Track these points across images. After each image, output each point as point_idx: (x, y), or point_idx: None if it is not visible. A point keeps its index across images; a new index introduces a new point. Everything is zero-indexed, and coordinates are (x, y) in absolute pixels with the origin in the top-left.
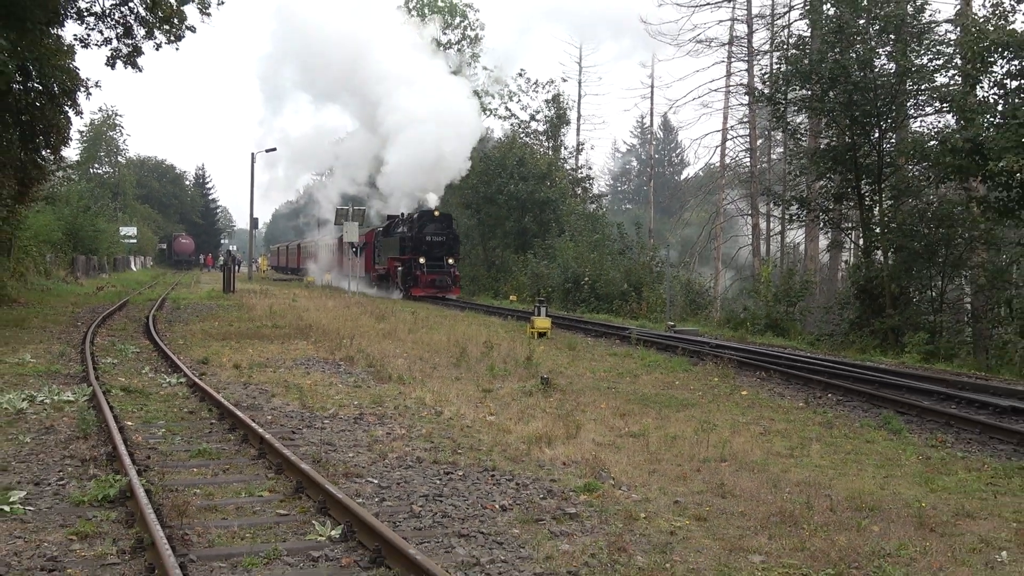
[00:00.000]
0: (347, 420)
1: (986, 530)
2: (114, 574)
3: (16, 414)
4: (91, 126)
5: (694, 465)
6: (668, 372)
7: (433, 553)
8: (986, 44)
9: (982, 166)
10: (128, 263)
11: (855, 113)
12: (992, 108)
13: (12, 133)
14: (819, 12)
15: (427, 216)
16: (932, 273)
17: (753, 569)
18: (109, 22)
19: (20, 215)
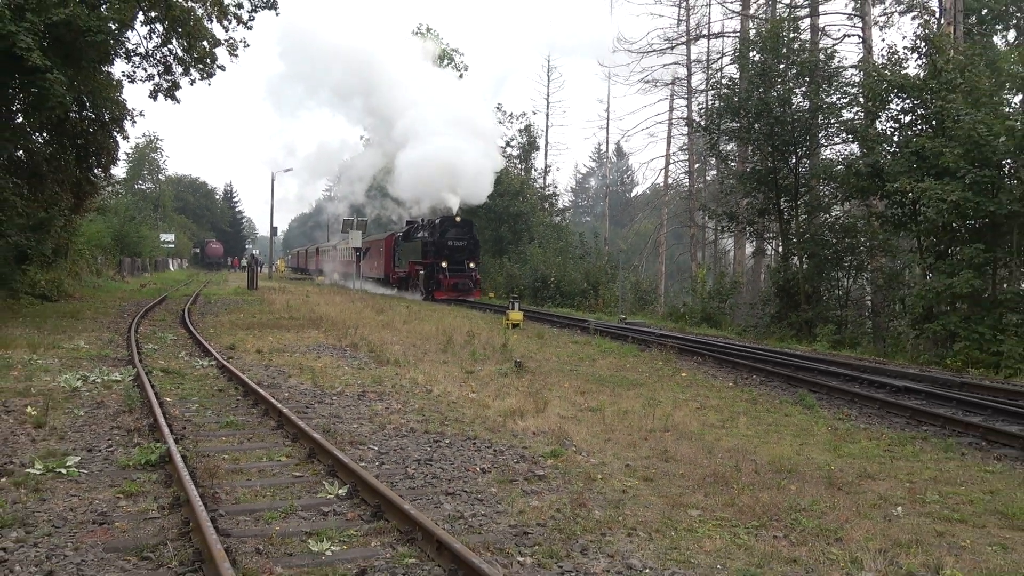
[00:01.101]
0: (352, 397)
1: (884, 489)
2: (155, 527)
3: (72, 391)
4: (136, 149)
5: (642, 435)
6: (620, 357)
7: (424, 508)
8: (884, 86)
9: (880, 187)
10: (167, 264)
11: (776, 142)
12: (889, 139)
13: (69, 154)
14: (746, 58)
15: (448, 221)
16: (839, 275)
17: (691, 522)
18: (152, 61)
19: (75, 224)
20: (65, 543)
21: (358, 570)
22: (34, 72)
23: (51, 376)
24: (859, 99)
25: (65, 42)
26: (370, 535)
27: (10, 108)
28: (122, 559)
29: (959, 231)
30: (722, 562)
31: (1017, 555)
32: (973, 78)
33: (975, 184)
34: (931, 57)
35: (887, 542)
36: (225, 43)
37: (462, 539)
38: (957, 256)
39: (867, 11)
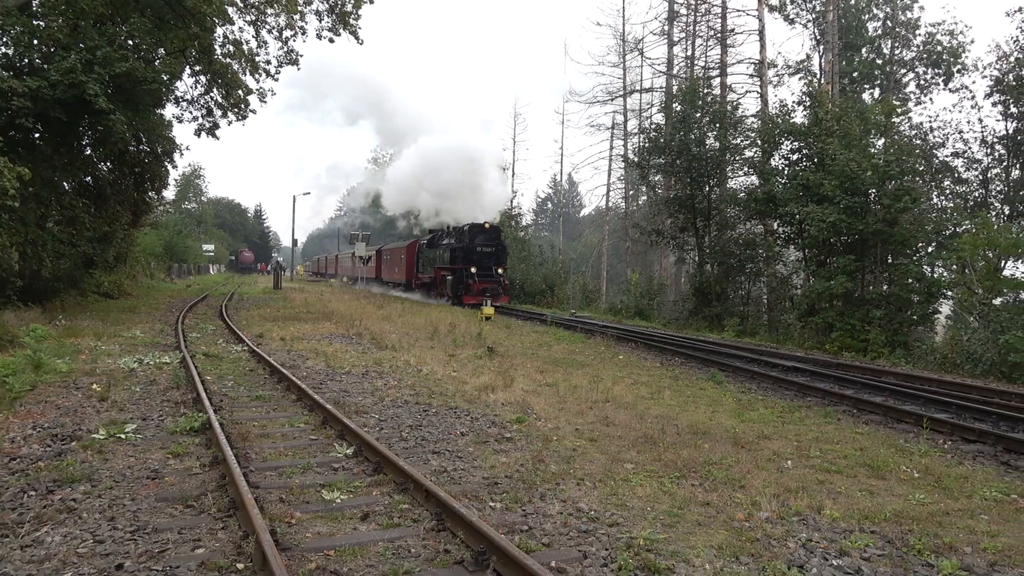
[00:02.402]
0: (357, 375)
1: (777, 447)
2: (197, 481)
3: (130, 372)
4: (183, 176)
5: (588, 404)
6: (571, 343)
7: (415, 464)
8: (777, 131)
9: (774, 210)
10: (208, 269)
11: (693, 174)
12: (781, 172)
13: (128, 180)
14: (670, 108)
15: (477, 228)
16: (742, 279)
17: (627, 473)
18: (196, 106)
19: (133, 236)
20: (124, 495)
21: (362, 514)
22: (100, 114)
23: (112, 359)
24: (757, 141)
25: (125, 89)
26: (372, 486)
27: (80, 143)
28: (171, 507)
29: (835, 245)
30: (651, 505)
31: (880, 498)
32: (846, 126)
33: (848, 208)
34: (813, 109)
35: (780, 489)
36: (256, 92)
37: (445, 489)
38: (834, 265)
39: (764, 72)
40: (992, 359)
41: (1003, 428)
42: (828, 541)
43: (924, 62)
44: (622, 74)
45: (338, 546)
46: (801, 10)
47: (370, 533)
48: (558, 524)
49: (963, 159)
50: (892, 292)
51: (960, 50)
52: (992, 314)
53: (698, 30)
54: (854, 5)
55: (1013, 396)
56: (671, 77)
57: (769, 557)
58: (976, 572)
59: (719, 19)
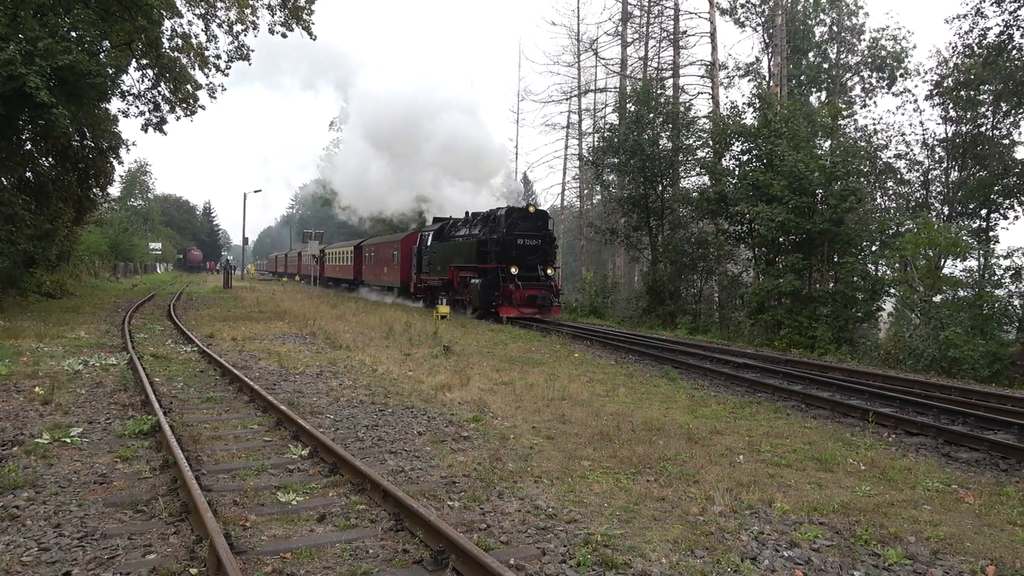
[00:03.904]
0: (311, 376)
1: (729, 442)
2: (147, 485)
3: (74, 374)
4: (129, 172)
5: (545, 403)
6: (527, 342)
7: (372, 464)
8: (728, 132)
9: (725, 209)
10: (155, 268)
11: (646, 174)
12: (731, 173)
13: (71, 176)
14: (624, 108)
15: (518, 213)
16: (694, 277)
17: (584, 470)
18: (143, 100)
19: (76, 234)
20: (70, 500)
21: (319, 516)
22: (42, 107)
23: (56, 361)
24: (709, 142)
25: (68, 82)
26: (328, 487)
27: (20, 137)
28: (120, 512)
29: (784, 244)
30: (608, 501)
31: (829, 491)
32: (794, 127)
33: (796, 208)
34: (763, 111)
35: (732, 483)
36: (206, 87)
37: (403, 488)
38: (782, 263)
39: (715, 74)
40: (933, 355)
41: (944, 421)
42: (779, 533)
43: (868, 66)
44: (577, 74)
45: (295, 548)
46: (751, 14)
47: (327, 534)
48: (516, 522)
49: (905, 161)
50: (838, 290)
51: (903, 55)
52: (932, 311)
53: (651, 31)
54: (801, 10)
55: (953, 390)
56: (625, 77)
57: (723, 550)
58: (920, 561)
59: (672, 21)
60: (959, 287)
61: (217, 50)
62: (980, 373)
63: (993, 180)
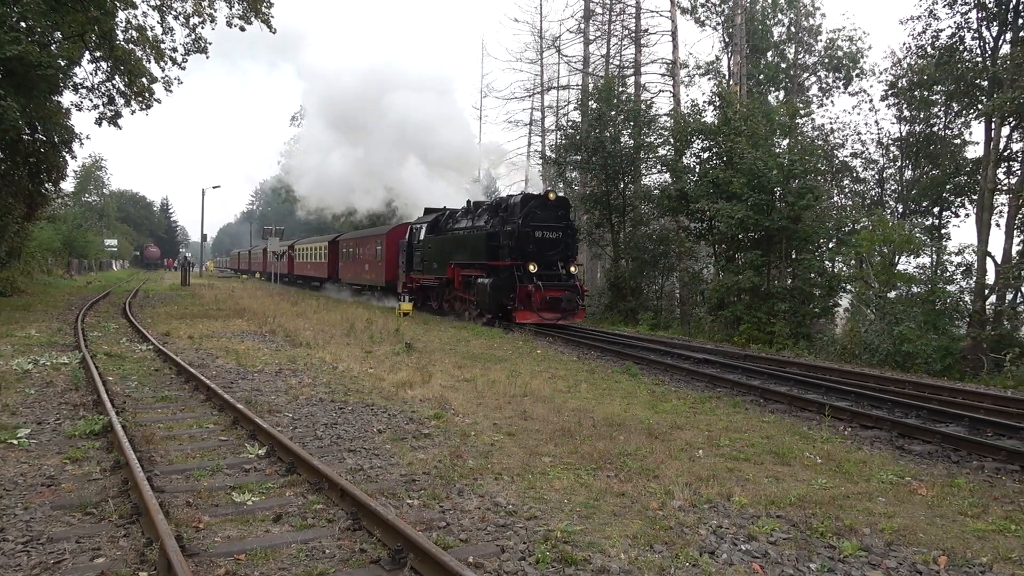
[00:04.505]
0: (270, 374)
1: (689, 437)
2: (97, 487)
3: (24, 373)
4: (83, 168)
5: (506, 399)
6: (489, 339)
7: (330, 463)
8: (688, 130)
9: (686, 207)
10: (111, 265)
11: (608, 172)
12: (692, 170)
13: (22, 171)
14: (586, 106)
15: (536, 201)
16: (656, 274)
17: (544, 466)
18: (97, 93)
19: (28, 230)
20: (15, 504)
21: (275, 516)
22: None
23: (4, 360)
24: (670, 139)
25: (18, 74)
26: (285, 487)
27: None
28: (68, 515)
29: (743, 241)
30: (568, 497)
31: (786, 484)
32: (753, 126)
33: (755, 205)
34: (723, 109)
35: (692, 477)
36: (161, 80)
37: (361, 487)
38: (741, 260)
39: (676, 73)
40: (887, 349)
41: (898, 414)
42: (737, 527)
43: (825, 66)
44: (539, 71)
45: (249, 549)
46: (711, 13)
47: (283, 535)
48: (476, 519)
49: (861, 159)
50: (796, 286)
51: (858, 56)
52: (887, 307)
53: (613, 29)
54: (760, 10)
55: (906, 384)
56: (587, 75)
57: (682, 544)
58: (874, 552)
59: (633, 19)
60: (913, 283)
61: (173, 43)
62: (933, 367)
63: (945, 179)
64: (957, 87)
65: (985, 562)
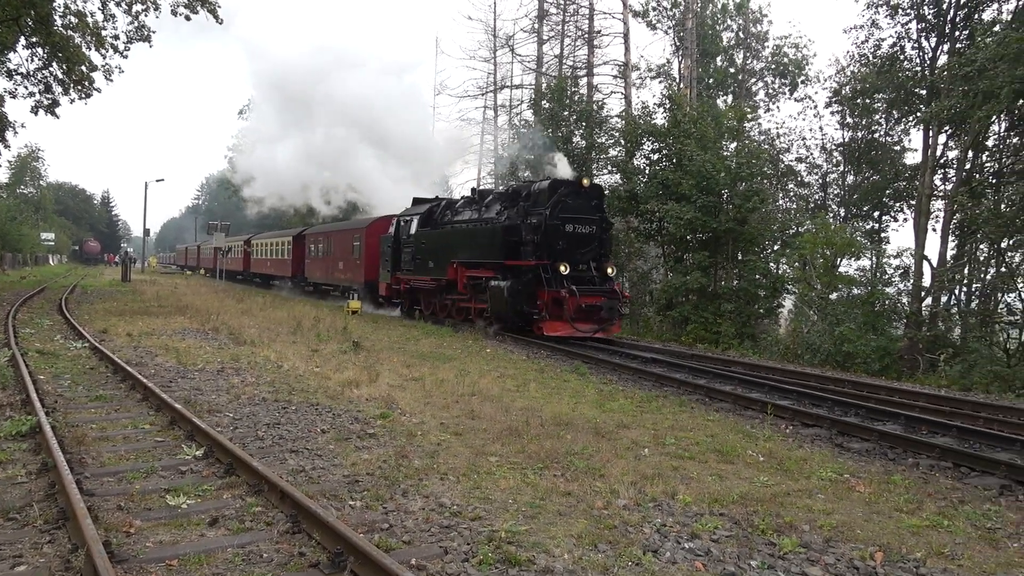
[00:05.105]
0: (212, 372)
1: (635, 436)
2: (22, 491)
3: None
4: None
5: (454, 398)
6: (439, 338)
7: (271, 465)
8: (639, 132)
9: (636, 207)
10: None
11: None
12: (642, 171)
13: None
14: (539, 105)
15: (567, 188)
16: None
17: (491, 466)
18: (33, 80)
19: None
20: None
21: (211, 519)
22: None
23: None
24: (621, 141)
25: None
26: (223, 489)
27: None
28: None
29: (691, 242)
30: (514, 497)
31: (729, 482)
32: (702, 128)
33: (703, 207)
34: (673, 112)
35: (637, 476)
36: (102, 68)
37: (302, 489)
38: (689, 261)
39: (628, 75)
40: (828, 349)
41: (837, 413)
42: (681, 525)
43: (772, 72)
44: (493, 69)
45: (182, 555)
46: (663, 17)
47: (219, 539)
48: (420, 520)
49: (805, 164)
50: (741, 287)
51: (804, 63)
52: (829, 308)
53: (567, 30)
54: (710, 15)
55: (846, 383)
56: (540, 75)
57: (626, 543)
58: (813, 548)
59: (587, 20)
60: (853, 285)
61: (115, 30)
62: (871, 367)
63: (885, 184)
64: (897, 95)
65: (919, 557)
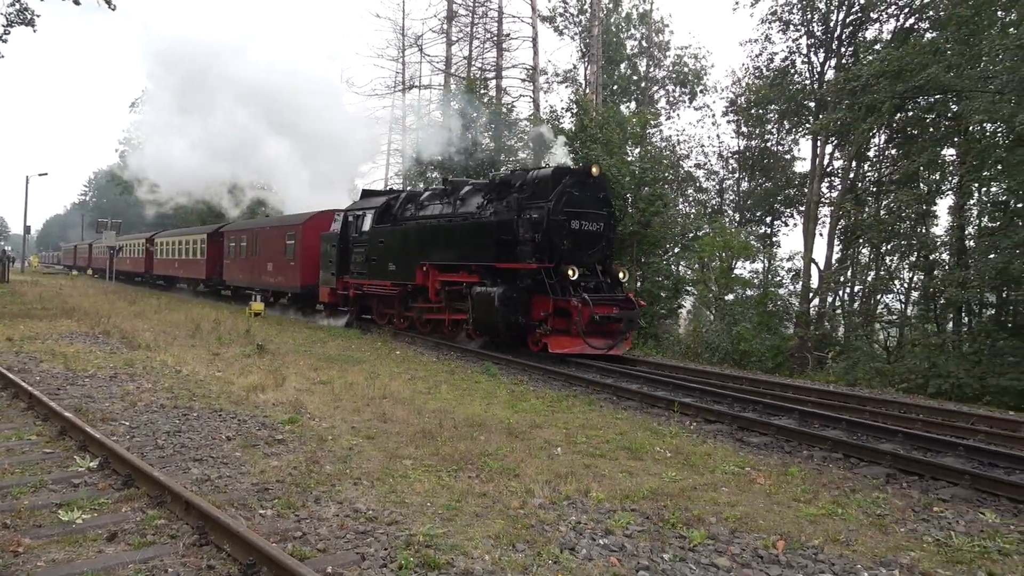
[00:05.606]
0: (104, 379)
1: (548, 435)
2: None
3: None
4: None
5: (365, 401)
6: (347, 340)
7: (173, 474)
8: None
9: None
10: None
11: (469, 173)
12: None
13: None
14: (448, 105)
15: (572, 178)
16: None
17: (405, 469)
18: None
19: None
20: None
21: (109, 534)
22: None
23: None
24: (529, 143)
25: None
26: (121, 502)
27: None
28: None
29: None
30: (430, 500)
31: (639, 478)
32: (608, 133)
33: None
34: (579, 116)
35: (551, 475)
36: None
37: (209, 498)
38: None
39: (536, 78)
40: (726, 348)
41: (737, 409)
42: (595, 522)
43: (673, 81)
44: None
45: (78, 573)
46: (570, 23)
47: (118, 555)
48: (334, 527)
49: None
50: (645, 288)
51: (703, 73)
52: (726, 308)
53: (476, 32)
54: (615, 23)
55: (744, 380)
56: (449, 76)
57: (543, 542)
58: (720, 540)
59: (496, 23)
60: (748, 287)
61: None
62: (766, 365)
63: (776, 191)
64: (788, 107)
65: (817, 544)
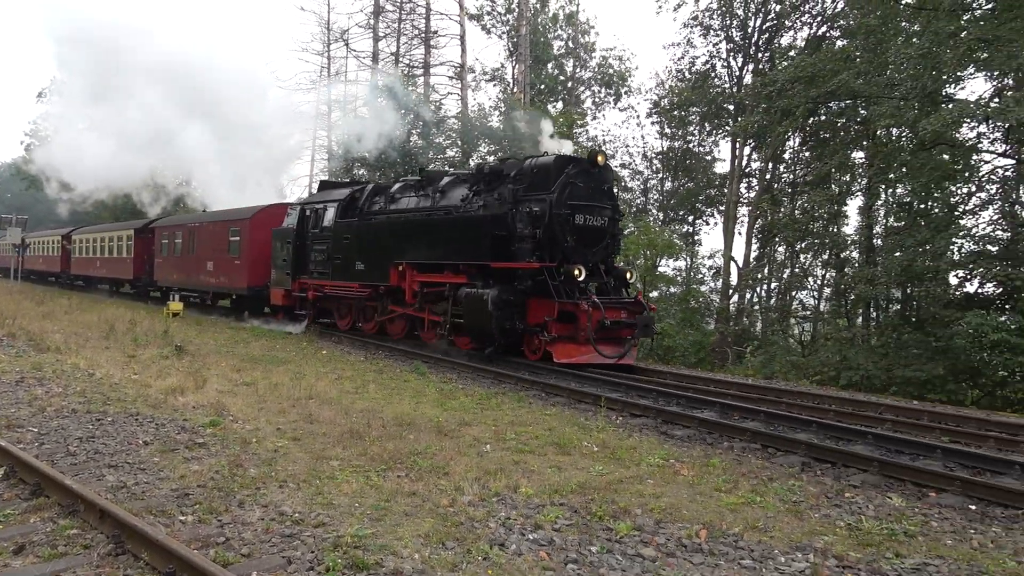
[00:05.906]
0: (9, 384)
1: (477, 432)
2: None
3: None
4: None
5: (290, 403)
6: (271, 340)
7: (87, 482)
8: (475, 133)
9: None
10: None
11: (397, 170)
12: None
13: None
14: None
15: (575, 168)
16: None
17: (333, 471)
18: None
19: None
20: None
21: (16, 547)
22: None
23: None
24: (458, 142)
25: None
26: (29, 512)
27: None
28: None
29: None
30: (358, 501)
31: (567, 473)
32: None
33: None
34: (507, 114)
35: (481, 472)
36: None
37: (125, 506)
38: None
39: (464, 76)
40: (651, 344)
41: (661, 403)
42: (524, 517)
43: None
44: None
45: None
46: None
47: (27, 569)
48: (259, 531)
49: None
50: None
51: (627, 74)
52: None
53: (403, 28)
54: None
55: (668, 375)
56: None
57: (473, 539)
58: (646, 531)
59: (423, 20)
60: (671, 284)
61: None
62: (689, 359)
63: (698, 190)
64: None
65: (738, 532)
